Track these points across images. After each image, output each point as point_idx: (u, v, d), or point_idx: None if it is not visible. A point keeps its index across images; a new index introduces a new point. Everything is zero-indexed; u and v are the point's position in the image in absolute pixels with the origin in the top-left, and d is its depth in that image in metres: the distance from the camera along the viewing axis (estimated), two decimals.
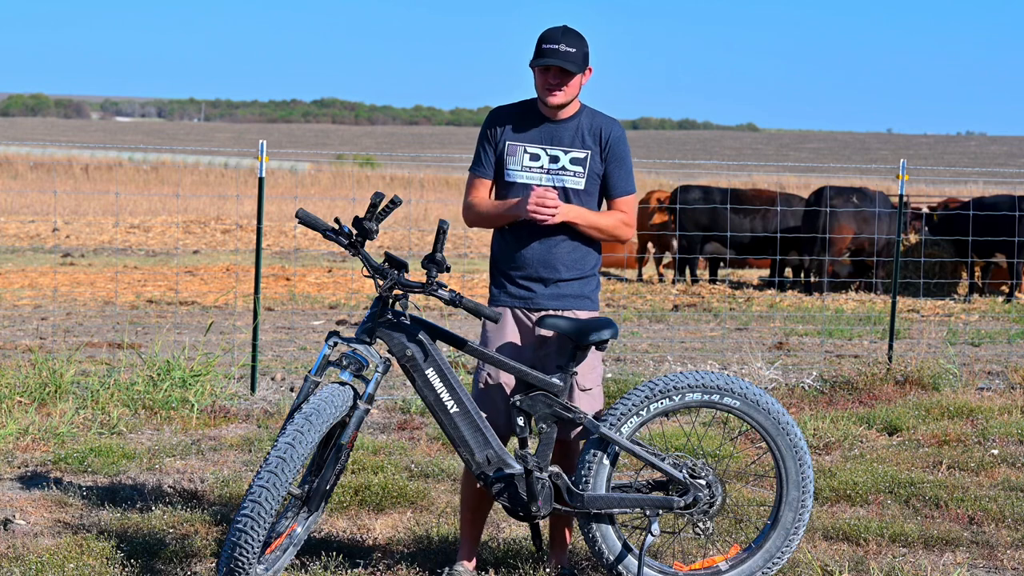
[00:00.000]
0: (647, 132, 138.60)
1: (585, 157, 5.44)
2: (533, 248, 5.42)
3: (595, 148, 5.44)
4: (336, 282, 18.20)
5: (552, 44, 5.34)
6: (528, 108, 5.50)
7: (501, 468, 5.27)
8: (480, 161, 5.52)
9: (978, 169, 34.22)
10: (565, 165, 5.44)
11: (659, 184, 40.94)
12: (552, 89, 5.37)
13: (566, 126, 5.45)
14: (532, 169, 5.44)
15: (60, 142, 67.75)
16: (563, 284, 5.44)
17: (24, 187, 35.29)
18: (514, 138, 5.46)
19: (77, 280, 17.24)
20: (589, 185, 5.46)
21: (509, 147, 5.46)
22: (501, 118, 5.50)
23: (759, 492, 7.03)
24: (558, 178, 5.44)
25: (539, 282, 5.44)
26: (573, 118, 5.46)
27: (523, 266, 5.44)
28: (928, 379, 10.04)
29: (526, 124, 5.47)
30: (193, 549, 5.78)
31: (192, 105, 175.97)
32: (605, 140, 5.45)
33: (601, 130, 5.45)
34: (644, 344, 12.94)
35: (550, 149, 5.44)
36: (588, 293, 5.51)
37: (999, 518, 6.62)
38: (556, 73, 5.36)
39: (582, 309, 5.47)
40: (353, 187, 39.98)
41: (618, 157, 5.47)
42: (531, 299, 5.43)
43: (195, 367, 9.02)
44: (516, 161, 5.46)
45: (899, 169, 11.29)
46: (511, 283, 5.46)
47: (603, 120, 5.48)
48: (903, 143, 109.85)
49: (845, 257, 19.79)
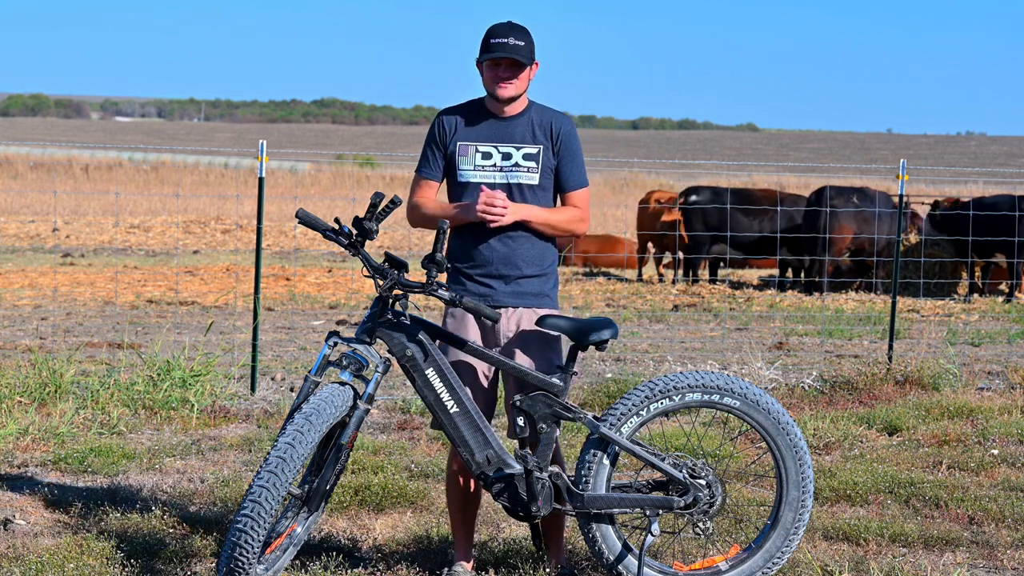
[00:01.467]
0: (647, 132, 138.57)
1: (537, 152, 5.45)
2: (492, 246, 5.42)
3: (547, 143, 5.46)
4: (336, 282, 18.20)
5: (501, 39, 5.38)
6: (476, 107, 5.52)
7: (501, 468, 5.28)
8: (427, 162, 5.53)
9: (978, 169, 34.24)
10: (518, 161, 5.45)
11: (659, 184, 40.92)
12: (502, 82, 5.39)
13: (516, 122, 5.46)
14: (485, 168, 5.45)
15: (60, 142, 67.75)
16: (523, 281, 5.45)
17: (24, 187, 35.30)
18: (464, 138, 5.47)
19: (77, 280, 17.24)
20: (543, 180, 5.47)
21: (460, 147, 5.47)
22: (449, 119, 5.51)
23: (759, 492, 7.03)
24: (512, 175, 5.45)
25: (499, 279, 5.44)
26: (523, 114, 5.48)
27: (483, 264, 5.44)
28: (928, 379, 10.04)
29: (475, 123, 5.48)
30: (193, 549, 5.78)
31: (192, 105, 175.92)
32: (556, 134, 5.46)
33: (551, 124, 5.47)
34: (644, 344, 12.94)
35: (502, 146, 5.45)
36: (547, 291, 5.52)
37: (999, 518, 6.62)
38: (507, 66, 5.38)
39: (541, 307, 5.47)
40: (353, 187, 39.98)
41: (570, 151, 5.49)
42: (491, 296, 5.43)
43: (195, 367, 9.02)
44: (468, 161, 5.47)
45: (899, 169, 11.29)
46: (470, 280, 5.46)
47: (552, 115, 5.50)
48: (903, 143, 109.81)
49: (845, 257, 19.79)
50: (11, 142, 59.72)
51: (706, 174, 50.20)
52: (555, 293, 5.57)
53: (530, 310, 5.45)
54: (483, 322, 5.44)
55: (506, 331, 5.44)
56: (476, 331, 5.46)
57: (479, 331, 5.46)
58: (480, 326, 5.45)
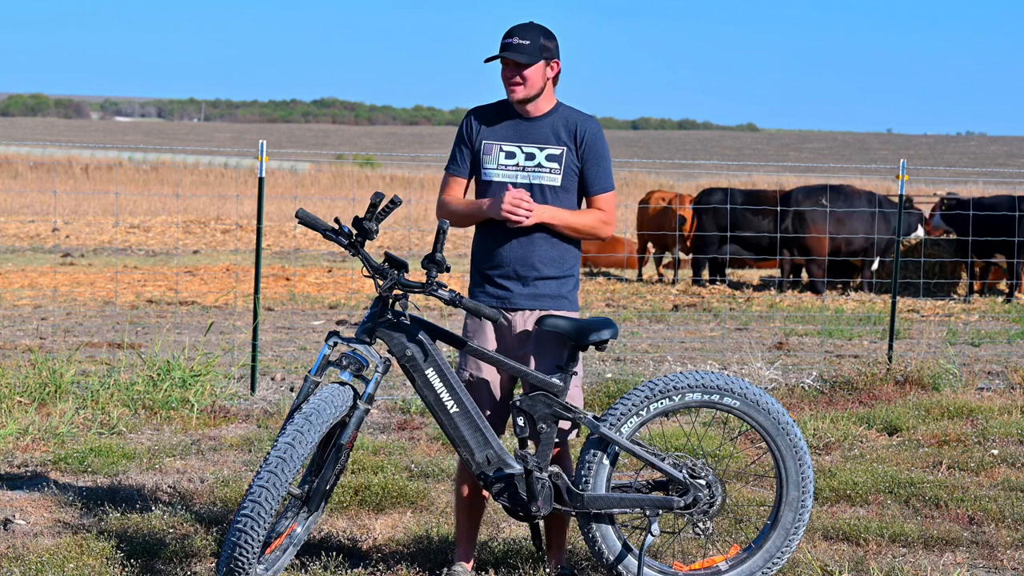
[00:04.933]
0: (647, 132, 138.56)
1: (560, 154, 5.44)
2: (511, 247, 5.42)
3: (571, 145, 5.45)
4: (336, 282, 18.20)
5: (507, 39, 5.39)
6: (504, 107, 5.52)
7: (501, 468, 5.28)
8: (455, 160, 5.55)
9: (978, 169, 34.22)
10: (541, 162, 5.44)
11: (659, 184, 40.94)
12: (509, 83, 5.40)
13: (540, 123, 5.46)
14: (508, 167, 5.45)
15: (60, 142, 67.74)
16: (541, 283, 5.43)
17: (24, 187, 35.30)
18: (490, 137, 5.48)
19: (77, 280, 17.24)
20: (566, 182, 5.45)
21: (485, 146, 5.48)
22: (477, 117, 5.53)
23: (759, 492, 7.04)
24: (535, 175, 5.44)
25: (517, 281, 5.43)
26: (548, 115, 5.47)
27: (501, 264, 5.43)
28: (928, 379, 10.03)
29: (501, 122, 5.49)
30: (193, 549, 5.78)
31: (192, 105, 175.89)
32: (581, 137, 5.45)
33: (577, 127, 5.45)
34: (644, 344, 12.94)
35: (525, 147, 5.45)
36: (566, 293, 5.50)
37: (999, 518, 6.62)
38: (511, 67, 5.38)
39: (560, 309, 5.46)
40: (353, 187, 39.97)
41: (596, 154, 5.47)
42: (508, 298, 5.42)
43: (195, 367, 9.02)
44: (492, 159, 5.47)
45: (899, 169, 11.29)
46: (489, 283, 5.46)
47: (579, 117, 5.48)
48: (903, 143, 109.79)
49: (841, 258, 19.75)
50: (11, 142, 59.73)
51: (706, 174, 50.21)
52: (574, 296, 5.54)
53: (547, 313, 5.45)
54: (500, 324, 5.43)
55: (522, 334, 5.43)
56: (493, 333, 5.45)
57: (495, 333, 5.45)
58: (496, 328, 5.45)
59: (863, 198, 19.47)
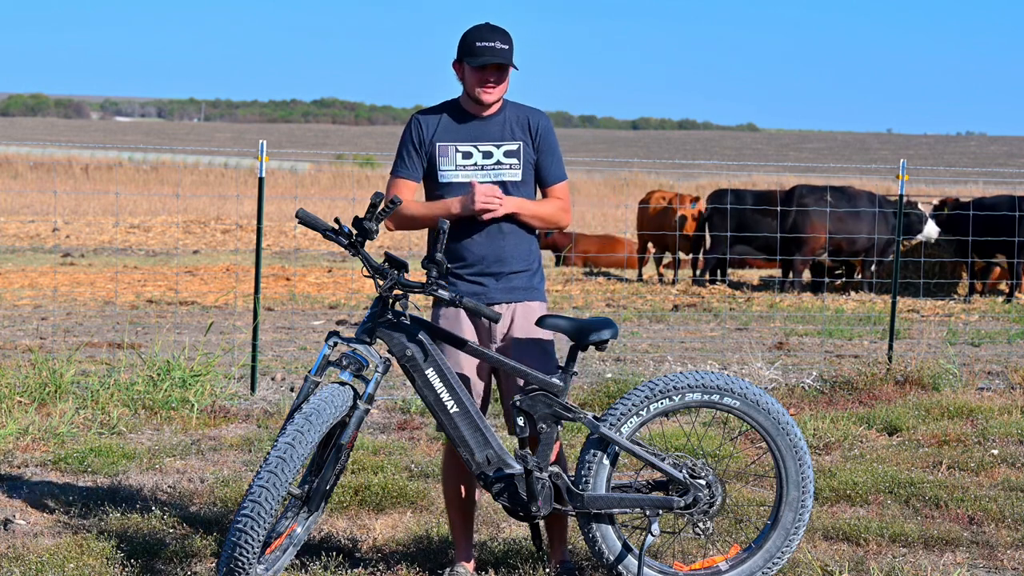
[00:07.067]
0: (647, 132, 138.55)
1: (518, 148, 5.49)
2: (481, 243, 5.45)
3: (526, 138, 5.51)
4: (336, 282, 18.20)
5: (487, 43, 5.39)
6: (452, 108, 5.54)
7: (501, 468, 5.28)
8: (404, 163, 5.54)
9: (978, 169, 34.21)
10: (499, 159, 5.48)
11: (659, 184, 40.93)
12: (487, 86, 5.42)
13: (493, 121, 5.50)
14: (467, 167, 5.48)
15: (60, 142, 67.73)
16: (513, 276, 5.49)
17: (24, 187, 35.30)
18: (443, 139, 5.49)
19: (77, 280, 17.24)
20: (526, 175, 5.52)
21: (440, 148, 5.49)
22: (425, 121, 5.53)
23: (759, 492, 7.04)
24: (495, 172, 5.48)
25: (491, 276, 5.47)
26: (499, 113, 5.52)
27: (474, 262, 5.46)
28: (928, 379, 10.03)
29: (453, 124, 5.51)
30: (193, 549, 5.78)
31: (192, 105, 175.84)
32: (535, 130, 5.52)
33: (529, 120, 5.52)
34: (644, 344, 12.94)
35: (480, 145, 5.49)
36: (536, 284, 5.56)
37: (999, 518, 6.62)
38: (494, 71, 5.41)
39: (533, 300, 5.51)
40: (353, 187, 39.96)
41: (549, 145, 5.55)
42: (483, 294, 5.45)
43: (195, 367, 9.02)
44: (449, 161, 5.49)
45: (899, 169, 11.29)
46: (461, 280, 5.47)
47: (529, 111, 5.55)
48: (903, 143, 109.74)
49: (824, 257, 19.71)
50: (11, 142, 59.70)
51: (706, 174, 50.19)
52: (542, 287, 5.61)
53: (522, 304, 5.49)
54: (478, 320, 5.45)
55: (501, 328, 5.45)
56: (471, 329, 5.47)
57: (474, 330, 5.47)
58: (475, 325, 5.46)
59: (864, 198, 19.51)
